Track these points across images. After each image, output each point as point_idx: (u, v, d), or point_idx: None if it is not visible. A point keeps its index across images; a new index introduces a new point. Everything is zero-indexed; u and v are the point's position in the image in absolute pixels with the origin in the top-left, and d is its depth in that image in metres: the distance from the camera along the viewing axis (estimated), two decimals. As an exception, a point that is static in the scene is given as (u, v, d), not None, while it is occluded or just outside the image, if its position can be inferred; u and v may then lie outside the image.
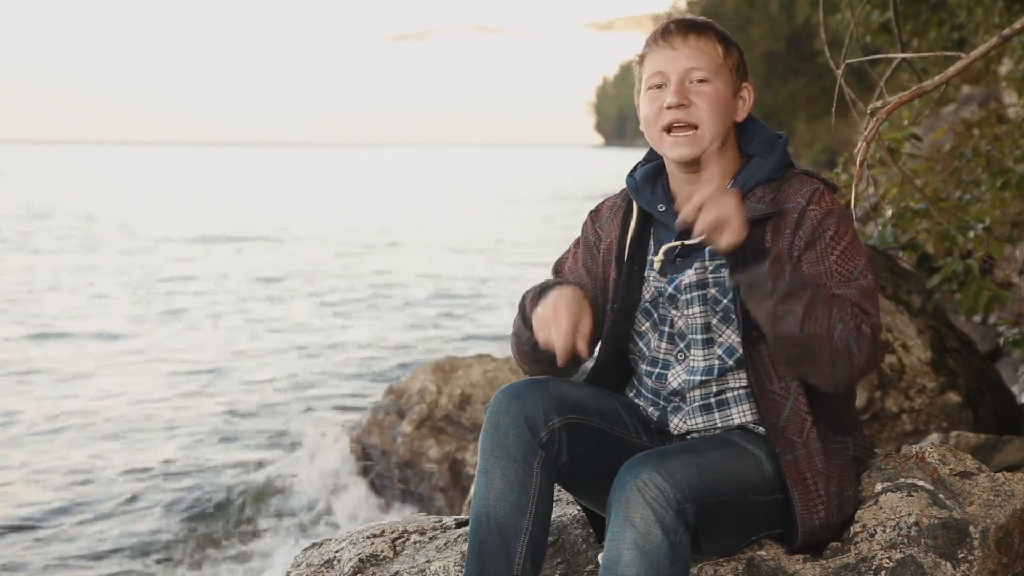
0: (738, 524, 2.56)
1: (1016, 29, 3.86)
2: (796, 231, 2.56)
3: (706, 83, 2.62)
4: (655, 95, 2.65)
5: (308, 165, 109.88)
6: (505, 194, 52.24)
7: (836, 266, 2.53)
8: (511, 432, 2.54)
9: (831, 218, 2.56)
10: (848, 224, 2.58)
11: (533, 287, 2.74)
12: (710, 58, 2.63)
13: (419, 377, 6.88)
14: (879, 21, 7.07)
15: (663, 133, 2.64)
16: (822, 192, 2.60)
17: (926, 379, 4.73)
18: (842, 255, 2.54)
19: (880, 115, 3.79)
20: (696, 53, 2.62)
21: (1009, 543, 2.62)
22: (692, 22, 2.66)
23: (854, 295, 2.50)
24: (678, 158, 2.64)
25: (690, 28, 2.65)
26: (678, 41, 2.63)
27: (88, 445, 8.65)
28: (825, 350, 2.42)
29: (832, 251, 2.54)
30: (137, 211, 36.44)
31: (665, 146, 2.66)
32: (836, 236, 2.55)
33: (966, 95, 14.75)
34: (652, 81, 2.65)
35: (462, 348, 12.57)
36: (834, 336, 2.41)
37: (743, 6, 37.59)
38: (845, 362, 2.43)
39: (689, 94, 2.62)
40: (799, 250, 2.55)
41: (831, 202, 2.59)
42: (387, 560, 2.89)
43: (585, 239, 2.86)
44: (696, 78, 2.62)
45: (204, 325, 14.36)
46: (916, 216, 4.70)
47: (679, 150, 2.63)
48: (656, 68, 2.65)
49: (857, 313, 2.46)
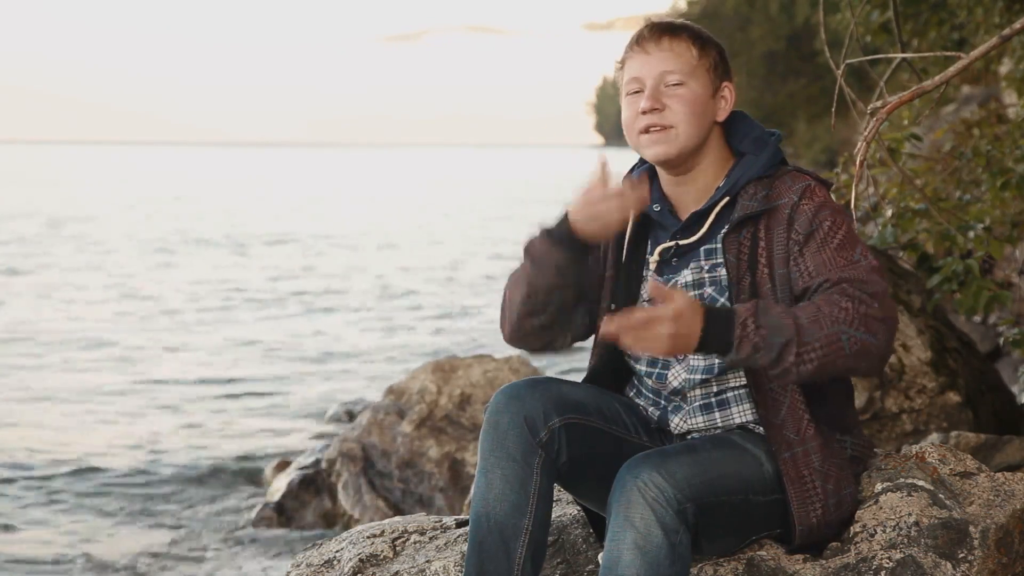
0: (738, 524, 2.56)
1: (1016, 29, 3.86)
2: (791, 227, 2.56)
3: (680, 86, 2.62)
4: (632, 100, 2.66)
5: (308, 165, 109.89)
6: (507, 194, 52.24)
7: (836, 254, 2.52)
8: (511, 432, 2.54)
9: (825, 210, 2.57)
10: (843, 216, 2.58)
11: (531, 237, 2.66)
12: (684, 60, 2.62)
13: (419, 377, 6.88)
14: (879, 21, 7.07)
15: (640, 135, 2.65)
16: (813, 188, 2.60)
17: (926, 379, 4.73)
18: (841, 244, 2.53)
19: (880, 115, 3.78)
20: (669, 56, 2.62)
21: (1009, 543, 2.62)
22: (666, 25, 2.66)
23: (853, 273, 2.48)
24: (654, 157, 2.65)
25: (664, 31, 2.64)
26: (651, 45, 2.64)
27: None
28: (841, 360, 2.41)
29: (831, 240, 2.53)
30: (138, 212, 36.45)
31: (642, 146, 2.67)
32: (834, 227, 2.55)
33: (966, 95, 14.74)
34: (630, 87, 2.67)
35: (462, 348, 12.57)
36: (843, 344, 2.40)
37: (743, 6, 37.55)
38: (867, 355, 2.43)
39: (663, 97, 2.62)
40: (798, 245, 2.55)
41: (824, 196, 2.59)
42: (387, 560, 2.89)
43: None
44: (670, 81, 2.62)
45: (199, 328, 14.36)
46: (916, 216, 4.70)
47: (655, 148, 2.64)
48: (632, 74, 2.66)
49: (858, 297, 2.44)
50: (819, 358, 2.39)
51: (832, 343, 2.39)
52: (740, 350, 2.38)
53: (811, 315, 2.41)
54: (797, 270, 2.55)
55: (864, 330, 2.42)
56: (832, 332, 2.39)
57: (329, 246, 25.48)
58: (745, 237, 2.60)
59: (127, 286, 17.97)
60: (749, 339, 2.37)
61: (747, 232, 2.60)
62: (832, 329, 2.40)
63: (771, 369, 2.41)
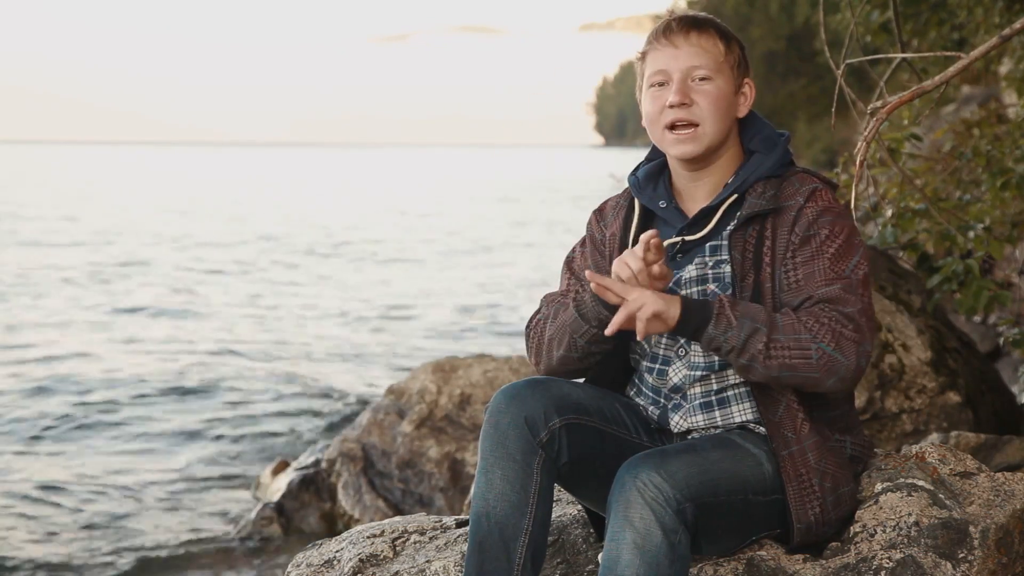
0: (738, 524, 2.57)
1: (1016, 29, 3.86)
2: (792, 228, 2.58)
3: (708, 81, 2.63)
4: (657, 93, 2.66)
5: (313, 164, 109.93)
6: (508, 193, 52.25)
7: (827, 265, 2.54)
8: (511, 432, 2.55)
9: (826, 216, 2.57)
10: (844, 222, 2.58)
11: (556, 298, 2.78)
12: (712, 56, 2.64)
13: (419, 377, 6.87)
14: (879, 21, 7.06)
15: (665, 131, 2.66)
16: (821, 191, 2.61)
17: (926, 379, 4.73)
18: (835, 256, 2.55)
19: (880, 115, 3.78)
20: (698, 51, 2.63)
21: (1009, 543, 2.62)
22: (694, 19, 2.67)
23: (833, 293, 2.51)
24: (680, 155, 2.66)
25: (692, 25, 2.65)
26: (680, 39, 2.64)
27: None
28: (803, 371, 2.48)
29: (825, 251, 2.55)
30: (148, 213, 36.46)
31: (667, 143, 2.67)
32: (831, 236, 2.56)
33: (966, 95, 14.75)
34: (654, 79, 2.67)
35: (461, 348, 12.58)
36: (811, 356, 2.46)
37: (743, 6, 37.56)
38: (834, 372, 2.48)
39: (691, 93, 2.63)
40: (794, 246, 2.57)
41: (829, 200, 2.60)
42: (387, 560, 2.89)
43: (591, 237, 2.87)
44: (698, 76, 2.63)
45: (197, 326, 14.37)
46: (916, 216, 4.70)
47: (681, 147, 2.65)
48: (658, 66, 2.66)
49: (835, 318, 2.48)
50: (785, 357, 2.46)
51: (801, 348, 2.46)
52: (717, 324, 2.47)
53: (787, 320, 2.49)
54: (786, 273, 2.57)
55: (834, 347, 2.47)
56: (803, 339, 2.46)
57: (328, 245, 25.48)
58: (751, 235, 2.61)
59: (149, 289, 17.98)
60: (724, 314, 2.47)
61: (754, 230, 2.61)
62: (804, 336, 2.47)
63: (739, 355, 2.48)
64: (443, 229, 30.54)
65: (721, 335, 2.48)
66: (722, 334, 2.48)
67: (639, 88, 2.73)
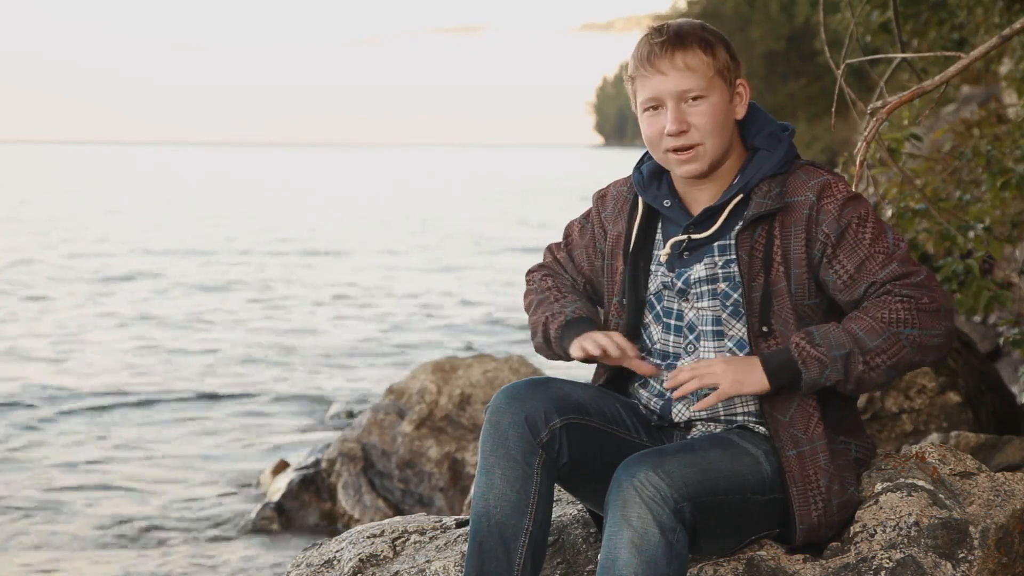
0: (736, 524, 2.56)
1: (1016, 29, 3.86)
2: (814, 228, 2.57)
3: (701, 100, 2.60)
4: (653, 117, 2.65)
5: (315, 166, 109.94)
6: (508, 193, 52.25)
7: (872, 249, 2.56)
8: (511, 432, 2.54)
9: (849, 206, 2.58)
10: (864, 205, 2.60)
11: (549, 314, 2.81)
12: (700, 73, 2.60)
13: (419, 377, 6.87)
14: (879, 21, 7.07)
15: (667, 152, 2.65)
16: (831, 183, 2.60)
17: (926, 379, 4.73)
18: (873, 237, 2.57)
19: (880, 115, 3.78)
20: (685, 73, 2.59)
21: (1009, 543, 2.62)
22: (676, 37, 2.60)
23: (895, 271, 2.54)
24: (687, 174, 2.66)
25: (675, 46, 2.60)
26: (665, 64, 2.60)
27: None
28: (906, 362, 2.52)
29: (863, 235, 2.56)
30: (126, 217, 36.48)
31: (671, 164, 2.67)
32: (861, 221, 2.57)
33: (966, 95, 14.73)
34: (647, 104, 2.65)
35: (461, 348, 12.57)
36: (905, 346, 2.50)
37: (743, 6, 37.58)
38: (931, 348, 2.53)
39: (687, 116, 2.60)
40: (831, 246, 2.57)
41: (844, 190, 2.60)
42: (387, 560, 2.89)
43: (594, 215, 2.87)
44: (690, 96, 2.60)
45: (195, 327, 14.37)
46: (916, 216, 4.70)
47: (686, 168, 2.65)
48: (648, 94, 2.63)
49: (906, 296, 2.51)
50: (887, 361, 2.50)
51: (894, 344, 2.49)
52: (808, 369, 2.50)
53: (864, 325, 2.50)
54: (835, 272, 2.57)
55: (919, 326, 2.50)
56: (891, 334, 2.49)
57: (327, 246, 25.48)
58: (760, 236, 2.60)
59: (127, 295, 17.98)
60: (811, 356, 2.50)
61: (761, 230, 2.60)
62: (890, 331, 2.49)
63: (847, 384, 2.52)
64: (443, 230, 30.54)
65: (820, 378, 2.52)
66: (820, 376, 2.52)
67: (633, 106, 2.72)
